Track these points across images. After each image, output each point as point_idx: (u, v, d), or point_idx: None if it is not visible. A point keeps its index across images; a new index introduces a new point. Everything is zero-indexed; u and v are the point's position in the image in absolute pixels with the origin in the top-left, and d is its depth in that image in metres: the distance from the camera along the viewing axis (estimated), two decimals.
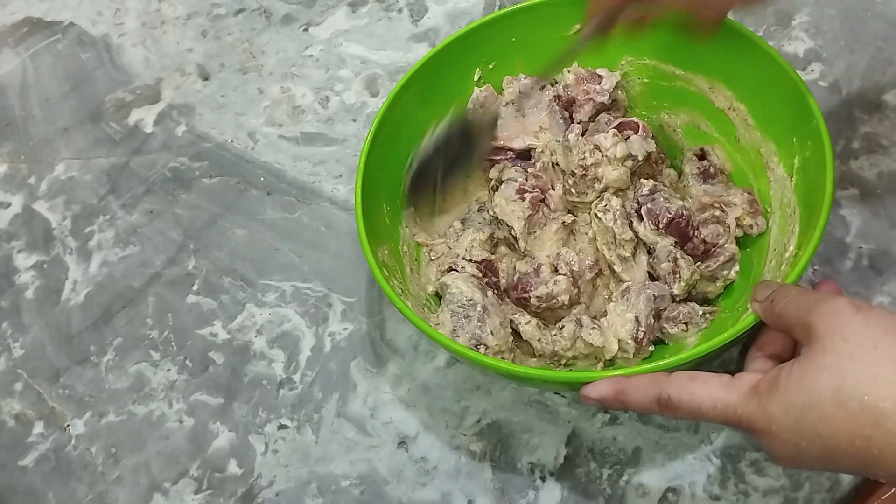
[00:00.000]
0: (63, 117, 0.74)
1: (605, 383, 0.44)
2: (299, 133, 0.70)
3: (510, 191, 0.57)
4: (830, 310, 0.39)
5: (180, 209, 0.67)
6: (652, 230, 0.53)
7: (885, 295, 0.55)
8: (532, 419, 0.54)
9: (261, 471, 0.54)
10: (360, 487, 0.53)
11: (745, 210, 0.54)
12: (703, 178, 0.57)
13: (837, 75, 0.65)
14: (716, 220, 0.54)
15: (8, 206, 0.69)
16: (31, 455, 0.57)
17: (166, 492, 0.55)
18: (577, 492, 0.51)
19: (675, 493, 0.50)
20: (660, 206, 0.53)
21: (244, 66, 0.75)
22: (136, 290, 0.63)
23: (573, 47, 0.55)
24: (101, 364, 0.60)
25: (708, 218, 0.55)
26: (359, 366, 0.58)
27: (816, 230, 0.46)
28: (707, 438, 0.52)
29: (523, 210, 0.56)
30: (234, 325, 0.61)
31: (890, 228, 0.58)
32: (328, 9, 0.77)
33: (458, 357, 0.50)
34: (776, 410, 0.39)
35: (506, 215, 0.56)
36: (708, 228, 0.54)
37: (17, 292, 0.65)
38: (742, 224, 0.54)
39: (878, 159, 0.61)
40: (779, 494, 0.50)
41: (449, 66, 0.59)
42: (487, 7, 0.75)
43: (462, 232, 0.57)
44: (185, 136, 0.71)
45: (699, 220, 0.54)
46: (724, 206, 0.55)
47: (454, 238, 0.57)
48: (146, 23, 0.79)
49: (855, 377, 0.37)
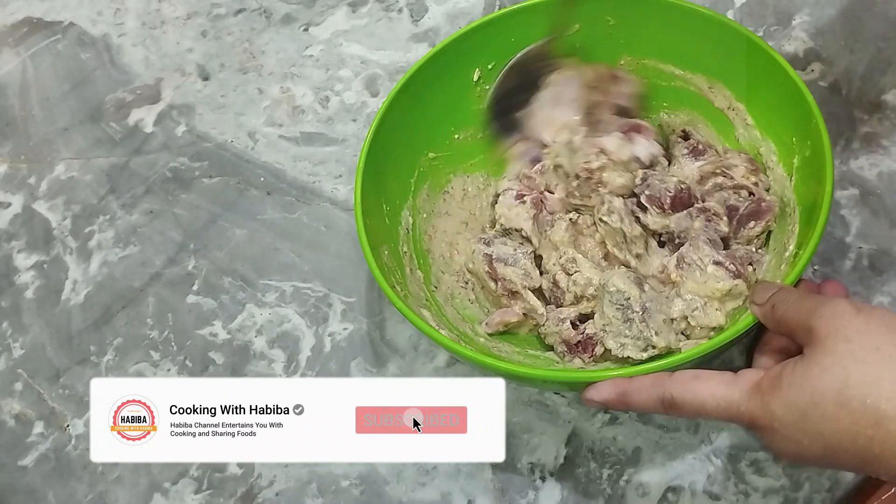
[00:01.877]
0: (63, 117, 0.74)
1: (608, 386, 0.44)
2: (299, 133, 0.70)
3: (509, 199, 0.57)
4: (832, 312, 0.39)
5: (180, 209, 0.67)
6: (659, 214, 0.53)
7: (885, 295, 0.55)
8: (532, 419, 0.54)
9: (261, 471, 0.54)
10: (360, 487, 0.53)
11: (746, 168, 0.54)
12: (693, 157, 0.57)
13: (837, 75, 0.65)
14: (720, 188, 0.54)
15: (8, 206, 0.69)
16: (31, 455, 0.57)
17: (166, 492, 0.55)
18: (577, 492, 0.51)
19: (675, 492, 0.50)
20: (657, 188, 0.53)
21: (244, 66, 0.75)
22: (136, 290, 0.63)
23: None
24: (101, 364, 0.60)
25: (711, 188, 0.54)
26: (359, 366, 0.58)
27: (816, 230, 0.46)
28: (707, 438, 0.52)
29: (527, 211, 0.56)
30: (234, 325, 0.61)
31: (890, 228, 0.58)
32: (328, 9, 0.77)
33: (457, 357, 0.50)
34: (778, 408, 0.39)
35: (511, 221, 0.56)
36: (714, 197, 0.54)
37: (17, 292, 0.64)
38: (747, 184, 0.54)
39: (878, 159, 0.61)
40: (779, 494, 0.50)
41: (449, 66, 0.59)
42: (487, 7, 0.75)
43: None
44: (185, 136, 0.71)
45: (703, 191, 0.54)
46: (726, 170, 0.55)
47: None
48: (146, 23, 0.79)
49: (857, 378, 0.37)
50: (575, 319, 0.52)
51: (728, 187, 0.54)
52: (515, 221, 0.56)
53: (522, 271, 0.55)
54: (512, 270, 0.55)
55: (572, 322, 0.52)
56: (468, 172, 0.62)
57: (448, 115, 0.61)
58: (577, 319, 0.53)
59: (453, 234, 0.60)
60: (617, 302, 0.50)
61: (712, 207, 0.53)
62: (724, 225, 0.52)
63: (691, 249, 0.51)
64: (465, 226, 0.60)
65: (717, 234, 0.52)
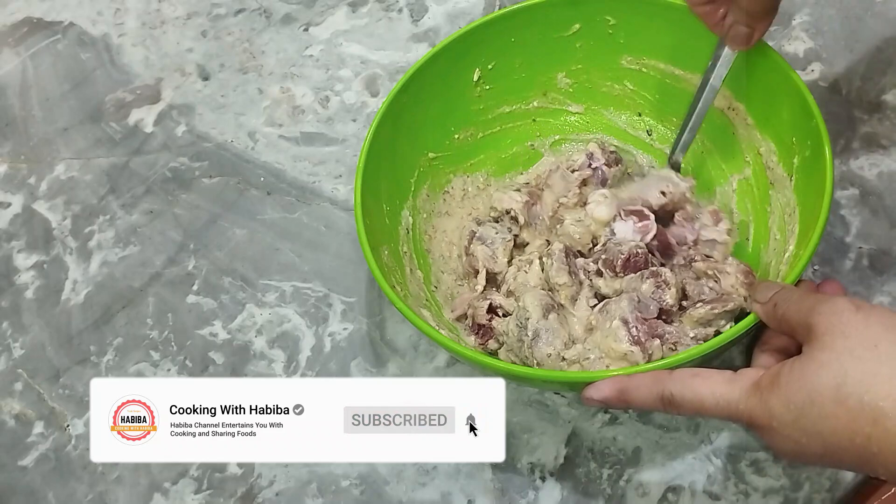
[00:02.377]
0: (63, 117, 0.74)
1: (608, 384, 0.44)
2: (299, 133, 0.70)
3: (506, 186, 0.60)
4: (831, 309, 0.39)
5: (180, 209, 0.67)
6: (611, 278, 0.51)
7: (885, 295, 0.55)
8: (532, 419, 0.54)
9: (261, 471, 0.54)
10: (360, 487, 0.53)
11: (738, 280, 0.49)
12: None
13: (837, 75, 0.65)
14: (699, 280, 0.51)
15: (8, 206, 0.69)
16: (31, 455, 0.57)
17: (166, 492, 0.55)
18: (577, 492, 0.51)
19: (675, 492, 0.50)
20: (613, 252, 0.52)
21: (244, 66, 0.75)
22: (136, 290, 0.63)
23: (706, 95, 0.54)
24: (101, 364, 0.60)
25: (691, 276, 0.52)
26: (359, 366, 0.58)
27: (816, 230, 0.46)
28: (707, 438, 0.52)
29: (521, 197, 0.57)
30: (234, 325, 0.61)
31: (890, 228, 0.58)
32: (328, 9, 0.77)
33: (457, 357, 0.50)
34: (777, 406, 0.39)
35: (504, 202, 0.57)
36: (691, 286, 0.51)
37: (17, 292, 0.65)
38: (733, 293, 0.49)
39: (878, 159, 0.61)
40: (779, 494, 0.50)
41: (449, 66, 0.59)
42: (487, 7, 0.75)
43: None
44: (185, 136, 0.71)
45: (683, 277, 0.51)
46: (717, 273, 0.51)
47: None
48: (146, 23, 0.79)
49: (855, 375, 0.37)
50: (496, 306, 0.54)
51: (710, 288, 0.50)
52: (508, 203, 0.57)
53: (490, 252, 0.56)
54: (482, 249, 0.56)
55: (491, 306, 0.54)
56: (468, 172, 0.62)
57: (448, 115, 0.61)
58: (498, 308, 0.54)
59: (453, 234, 0.60)
60: (519, 319, 0.50)
61: (663, 274, 0.50)
62: (671, 297, 0.49)
63: (612, 301, 0.50)
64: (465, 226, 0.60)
65: (659, 303, 0.49)
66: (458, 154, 0.62)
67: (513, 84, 0.62)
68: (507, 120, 0.63)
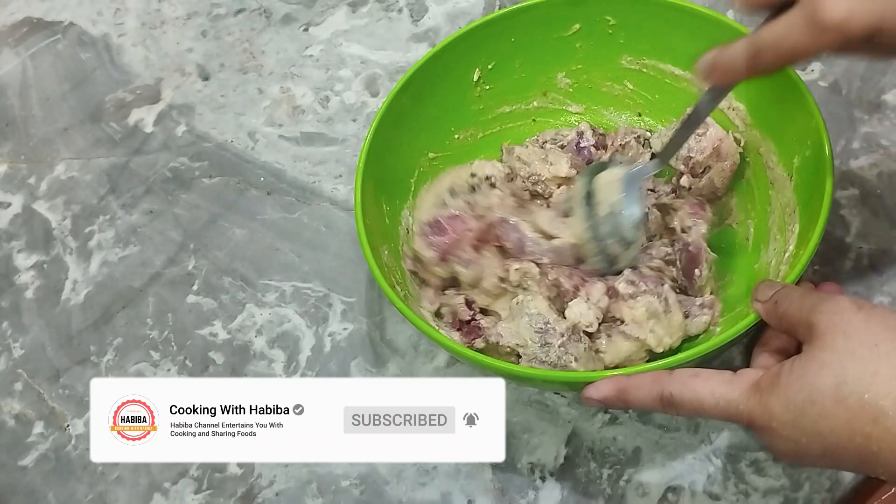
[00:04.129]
0: (63, 117, 0.74)
1: (607, 383, 0.44)
2: (299, 133, 0.70)
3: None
4: (832, 308, 0.39)
5: (180, 209, 0.67)
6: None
7: (886, 295, 0.55)
8: (532, 419, 0.54)
9: (261, 471, 0.54)
10: (360, 487, 0.53)
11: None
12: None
13: (837, 75, 0.65)
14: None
15: (8, 206, 0.69)
16: (31, 455, 0.57)
17: (166, 492, 0.55)
18: (577, 492, 0.51)
19: (675, 492, 0.50)
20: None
21: (244, 66, 0.75)
22: (136, 290, 0.63)
23: (695, 117, 0.49)
24: (101, 364, 0.60)
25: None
26: (359, 366, 0.58)
27: (816, 230, 0.46)
28: (707, 438, 0.52)
29: (503, 167, 0.58)
30: (234, 325, 0.61)
31: (890, 228, 0.58)
32: (328, 9, 0.77)
33: (457, 357, 0.50)
34: (777, 407, 0.39)
35: (486, 168, 0.57)
36: (657, 252, 0.54)
37: (17, 292, 0.64)
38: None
39: (878, 159, 0.61)
40: (779, 494, 0.50)
41: (449, 66, 0.59)
42: (487, 7, 0.75)
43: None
44: (185, 136, 0.71)
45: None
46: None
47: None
48: (146, 23, 0.79)
49: (855, 374, 0.37)
50: (471, 301, 0.54)
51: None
52: (490, 170, 0.57)
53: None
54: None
55: (467, 300, 0.54)
56: None
57: (448, 115, 0.61)
58: (472, 303, 0.54)
59: None
60: (536, 325, 0.50)
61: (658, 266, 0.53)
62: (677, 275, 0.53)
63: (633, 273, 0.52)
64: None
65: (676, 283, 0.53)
66: (458, 154, 0.62)
67: (513, 84, 0.62)
68: (507, 120, 0.63)
